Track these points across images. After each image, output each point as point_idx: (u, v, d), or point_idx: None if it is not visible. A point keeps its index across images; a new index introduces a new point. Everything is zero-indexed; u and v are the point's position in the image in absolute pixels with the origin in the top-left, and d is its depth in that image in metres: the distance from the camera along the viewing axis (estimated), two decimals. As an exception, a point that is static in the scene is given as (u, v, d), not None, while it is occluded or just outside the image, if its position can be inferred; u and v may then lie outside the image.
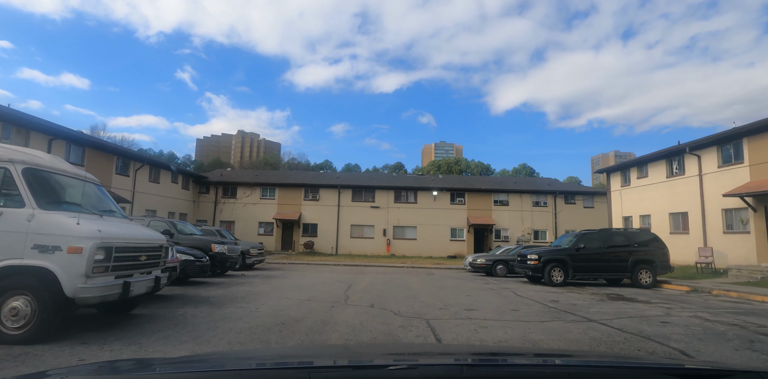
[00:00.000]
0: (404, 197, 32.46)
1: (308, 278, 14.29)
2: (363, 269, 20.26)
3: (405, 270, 20.66)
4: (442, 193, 32.18)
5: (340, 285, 12.21)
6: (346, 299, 9.20)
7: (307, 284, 12.40)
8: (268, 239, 31.90)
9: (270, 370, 1.44)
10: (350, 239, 31.74)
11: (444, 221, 31.81)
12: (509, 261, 17.60)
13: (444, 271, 20.95)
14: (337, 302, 8.83)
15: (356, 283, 13.14)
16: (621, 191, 25.39)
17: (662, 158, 21.99)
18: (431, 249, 31.29)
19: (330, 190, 32.26)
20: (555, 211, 32.28)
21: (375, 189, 32.40)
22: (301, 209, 32.18)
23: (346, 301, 9.00)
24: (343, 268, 21.14)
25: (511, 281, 15.75)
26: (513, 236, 31.79)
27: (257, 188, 32.54)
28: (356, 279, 14.49)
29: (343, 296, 9.66)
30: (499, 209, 32.22)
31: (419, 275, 17.81)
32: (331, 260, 25.85)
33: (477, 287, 12.78)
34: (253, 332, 5.67)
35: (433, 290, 11.85)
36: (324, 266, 22.31)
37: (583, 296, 11.16)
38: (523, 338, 5.72)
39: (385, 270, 20.18)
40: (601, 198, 32.69)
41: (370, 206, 32.03)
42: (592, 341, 5.63)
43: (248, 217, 32.02)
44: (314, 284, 12.51)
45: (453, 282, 14.51)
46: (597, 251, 14.05)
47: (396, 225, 31.84)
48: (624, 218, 25.13)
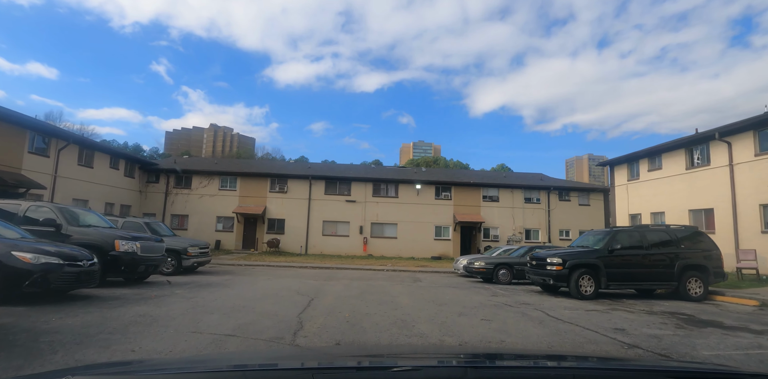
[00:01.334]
0: (384, 190, 28.96)
1: (257, 288, 10.58)
2: (334, 274, 16.64)
3: (385, 274, 17.15)
4: (426, 186, 28.87)
5: (298, 300, 8.59)
6: (296, 332, 5.61)
7: (249, 298, 8.71)
8: (227, 235, 27.81)
9: (274, 370, 1.44)
10: (322, 237, 28.02)
11: (428, 218, 28.51)
12: (513, 265, 14.37)
13: (432, 275, 17.56)
14: (279, 338, 5.24)
15: (321, 295, 9.54)
16: (627, 186, 22.65)
17: (680, 147, 19.27)
18: (413, 249, 27.93)
19: (300, 181, 28.43)
20: (548, 208, 29.49)
21: (351, 181, 28.77)
22: (267, 202, 28.23)
23: (295, 335, 5.41)
24: (311, 271, 17.46)
25: (521, 290, 12.47)
26: (503, 236, 28.79)
27: (215, 178, 28.37)
28: (323, 289, 10.88)
29: (293, 325, 6.06)
30: (489, 205, 29.16)
31: (403, 281, 14.34)
32: (298, 260, 22.09)
33: (487, 303, 9.39)
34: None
35: (430, 307, 8.38)
36: (288, 268, 18.56)
37: (641, 317, 7.92)
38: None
39: (361, 274, 16.63)
40: (597, 195, 30.13)
41: (345, 200, 28.38)
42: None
43: (204, 210, 27.84)
44: (260, 298, 8.83)
45: (450, 293, 11.10)
46: (635, 253, 10.91)
47: (374, 222, 28.33)
48: (631, 217, 22.40)
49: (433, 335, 5.75)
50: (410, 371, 1.30)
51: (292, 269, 18.45)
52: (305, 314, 6.96)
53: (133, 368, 1.59)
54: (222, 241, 27.49)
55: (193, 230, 27.58)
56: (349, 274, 16.74)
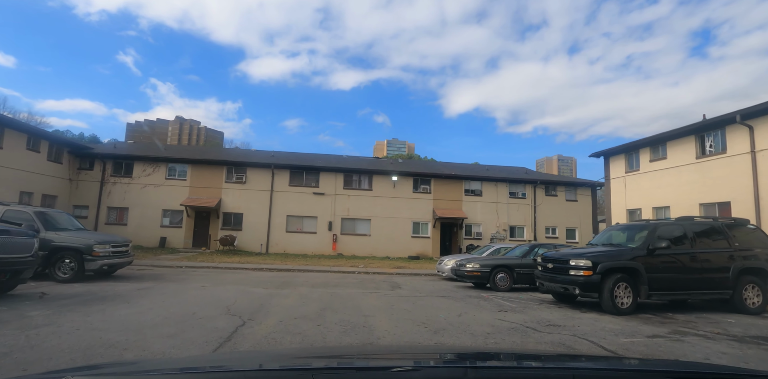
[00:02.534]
0: (356, 182, 25.94)
1: (171, 304, 7.41)
2: (293, 278, 13.55)
3: (356, 278, 14.20)
4: (403, 178, 26.06)
5: (219, 327, 5.54)
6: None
7: (139, 326, 5.57)
8: (175, 232, 24.09)
9: (274, 371, 1.43)
10: (286, 234, 24.74)
11: (405, 213, 25.72)
12: (514, 268, 11.71)
13: (412, 279, 14.73)
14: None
15: (261, 315, 6.50)
16: (625, 178, 20.54)
17: (689, 134, 17.19)
18: (388, 248, 25.08)
19: (261, 171, 25.01)
20: (534, 204, 27.28)
21: (320, 171, 25.58)
22: (222, 193, 24.67)
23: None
24: (266, 275, 14.31)
25: (530, 301, 9.80)
26: (486, 233, 26.36)
27: (162, 165, 24.55)
28: (268, 304, 7.82)
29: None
30: (471, 199, 26.65)
31: (379, 287, 11.44)
32: (255, 261, 18.81)
33: (500, 325, 6.58)
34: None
35: (422, 336, 5.51)
36: (238, 271, 15.33)
37: (735, 348, 5.29)
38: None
39: (326, 278, 13.61)
40: (585, 190, 28.19)
41: (312, 193, 25.19)
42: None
43: (148, 202, 24.01)
44: (159, 324, 5.72)
45: (443, 307, 8.27)
46: (682, 252, 8.40)
47: (345, 217, 25.28)
48: (629, 212, 20.31)
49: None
50: (410, 371, 1.30)
51: (243, 272, 15.22)
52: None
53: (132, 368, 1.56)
54: (168, 238, 23.77)
55: (133, 226, 23.74)
56: (312, 278, 13.70)
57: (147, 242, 23.36)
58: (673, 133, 17.82)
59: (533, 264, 11.70)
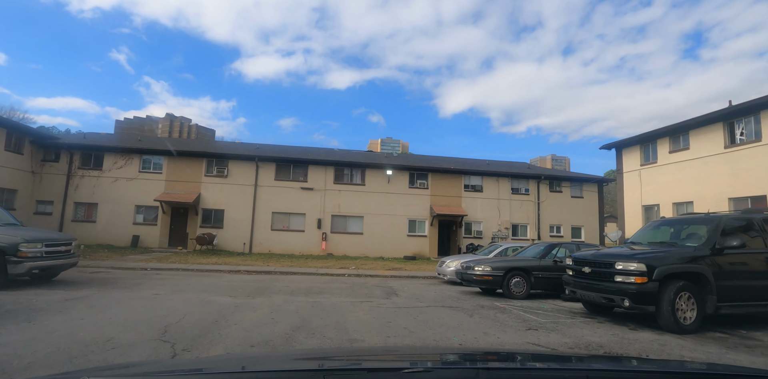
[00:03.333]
0: (348, 176, 24.04)
1: (87, 323, 5.52)
2: (272, 282, 11.66)
3: (346, 282, 12.33)
4: (398, 173, 24.20)
5: (138, 359, 3.59)
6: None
7: (6, 362, 3.65)
8: (149, 230, 22.03)
9: (286, 372, 1.43)
10: (271, 233, 22.78)
11: (400, 210, 23.87)
12: (531, 271, 9.91)
13: (409, 283, 12.90)
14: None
15: (209, 339, 4.63)
16: (641, 172, 18.88)
17: (717, 121, 15.54)
18: (382, 247, 23.22)
19: (244, 163, 23.02)
20: (538, 200, 25.58)
21: (308, 164, 23.64)
22: (201, 188, 22.64)
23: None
24: (241, 279, 12.40)
25: (557, 312, 8.00)
26: (487, 232, 24.61)
27: (135, 157, 22.45)
28: (225, 321, 5.94)
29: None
30: (471, 196, 24.86)
31: (371, 295, 9.60)
32: (234, 262, 16.87)
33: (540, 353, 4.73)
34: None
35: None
36: (211, 274, 13.41)
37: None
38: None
39: (311, 283, 11.72)
40: (591, 186, 26.54)
41: (300, 188, 23.25)
42: None
43: (119, 197, 21.92)
44: (36, 362, 3.78)
45: (454, 324, 6.43)
46: (758, 252, 6.65)
47: (336, 214, 23.38)
48: (645, 208, 18.65)
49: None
50: (422, 372, 1.29)
51: (216, 275, 13.29)
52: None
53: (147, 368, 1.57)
54: (142, 237, 21.71)
55: (103, 223, 21.66)
56: (295, 282, 11.81)
57: (118, 241, 21.30)
58: (698, 120, 16.16)
59: (554, 267, 9.94)
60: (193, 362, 2.03)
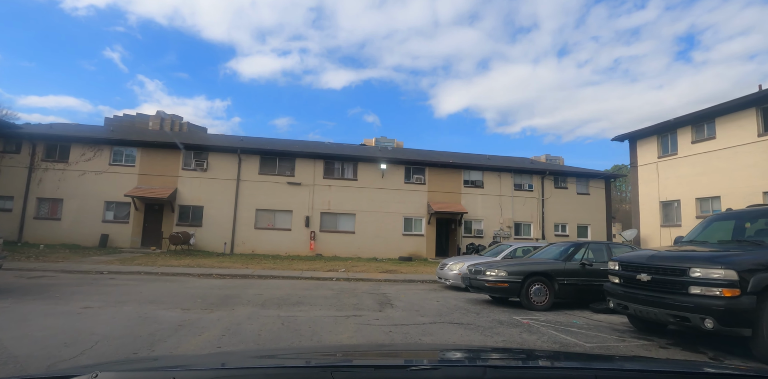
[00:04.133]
0: (339, 170, 22.24)
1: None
2: (245, 289, 9.86)
3: (332, 288, 10.55)
4: (393, 167, 22.45)
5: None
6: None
7: None
8: (120, 228, 20.08)
9: (293, 368, 1.43)
10: (255, 231, 20.94)
11: (395, 207, 22.13)
12: (555, 276, 8.19)
13: (406, 289, 11.14)
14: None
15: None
16: (658, 165, 17.28)
17: (749, 107, 13.96)
18: (376, 247, 21.47)
19: (226, 156, 21.14)
20: (542, 197, 23.95)
21: (296, 157, 21.82)
22: (178, 183, 20.74)
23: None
24: (209, 284, 10.60)
25: (595, 329, 6.28)
26: (488, 230, 22.94)
27: (105, 149, 20.49)
28: (151, 350, 4.10)
29: None
30: (471, 192, 23.18)
31: (361, 307, 7.85)
32: (208, 264, 15.06)
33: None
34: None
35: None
36: (175, 279, 11.60)
37: None
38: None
39: (291, 289, 9.94)
40: (598, 183, 24.96)
41: (287, 183, 21.42)
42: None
43: (88, 193, 19.96)
44: None
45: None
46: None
47: (325, 211, 21.59)
48: (663, 204, 17.06)
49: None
50: (429, 369, 1.28)
51: (182, 279, 11.47)
52: None
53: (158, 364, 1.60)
54: (112, 236, 19.76)
55: (69, 221, 19.70)
56: (271, 289, 10.02)
57: (85, 241, 19.35)
58: (726, 106, 14.57)
59: (581, 271, 8.24)
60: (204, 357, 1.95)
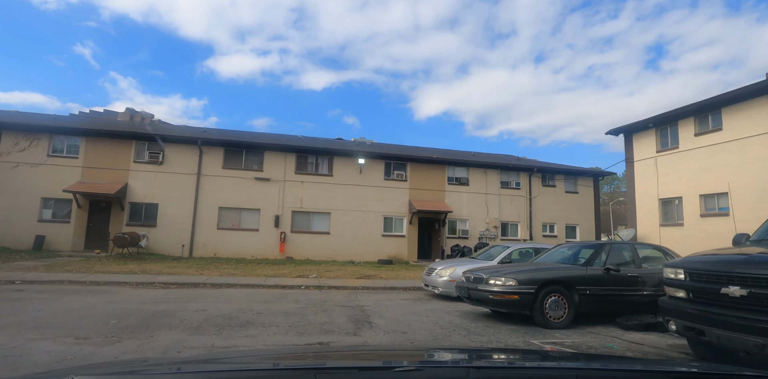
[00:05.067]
0: (312, 165, 20.29)
1: None
2: (186, 303, 7.88)
3: (298, 300, 8.65)
4: (372, 162, 20.67)
5: None
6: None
7: None
8: (61, 229, 17.54)
9: (277, 370, 1.41)
10: (217, 232, 18.75)
11: (374, 206, 20.34)
12: (574, 285, 6.54)
13: (387, 299, 9.34)
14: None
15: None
16: (657, 160, 16.10)
17: (760, 95, 12.83)
18: (353, 249, 19.61)
19: (185, 148, 18.88)
20: (530, 195, 22.63)
21: (264, 150, 19.75)
22: (129, 177, 18.36)
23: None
24: (146, 296, 8.57)
25: (640, 349, 4.61)
26: (474, 231, 21.42)
27: (43, 137, 17.93)
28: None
29: None
30: (456, 189, 21.63)
31: (331, 328, 6.02)
32: (156, 270, 12.91)
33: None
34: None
35: None
36: (103, 290, 9.50)
37: None
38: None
39: (246, 302, 7.98)
40: (586, 181, 23.85)
41: (254, 178, 19.32)
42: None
43: (21, 188, 17.35)
44: None
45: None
46: None
47: (297, 210, 19.60)
48: (662, 202, 15.87)
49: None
50: (413, 370, 1.28)
51: (113, 290, 9.37)
52: None
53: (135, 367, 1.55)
54: (49, 237, 17.21)
55: (1, 219, 17.05)
56: (221, 302, 8.06)
57: (17, 243, 16.75)
58: (733, 94, 13.42)
59: (606, 278, 6.65)
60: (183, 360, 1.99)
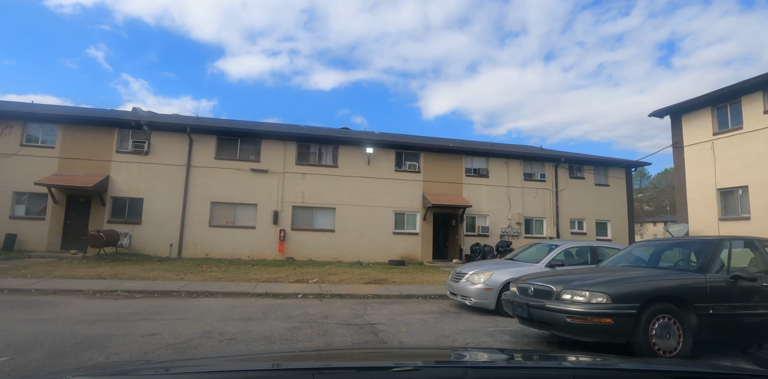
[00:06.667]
0: (315, 155, 18.26)
1: None
2: (142, 319, 5.84)
3: (290, 317, 6.59)
4: (381, 152, 18.59)
5: None
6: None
7: None
8: (35, 226, 15.71)
9: (274, 371, 1.40)
10: (209, 230, 16.80)
11: (384, 200, 18.26)
12: (691, 302, 4.38)
13: (405, 314, 7.25)
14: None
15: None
16: (714, 143, 13.83)
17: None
18: (361, 249, 17.56)
19: (173, 137, 16.94)
20: (556, 188, 20.41)
21: (261, 138, 17.76)
22: (111, 168, 16.47)
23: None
24: (100, 308, 6.56)
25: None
26: (495, 228, 19.26)
27: (16, 125, 16.09)
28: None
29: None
30: (475, 182, 19.46)
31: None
32: (130, 274, 11.01)
33: None
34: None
35: None
36: (49, 299, 7.54)
37: None
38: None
39: (221, 318, 5.93)
40: (618, 172, 21.55)
41: (250, 169, 17.33)
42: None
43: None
44: None
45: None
46: None
47: (298, 205, 17.58)
48: (721, 193, 13.60)
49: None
50: (411, 371, 1.27)
51: (64, 299, 7.45)
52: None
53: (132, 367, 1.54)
54: (21, 236, 15.39)
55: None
56: (187, 319, 6.04)
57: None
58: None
59: (734, 291, 4.49)
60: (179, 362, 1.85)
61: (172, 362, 1.97)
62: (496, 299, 7.34)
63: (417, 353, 2.37)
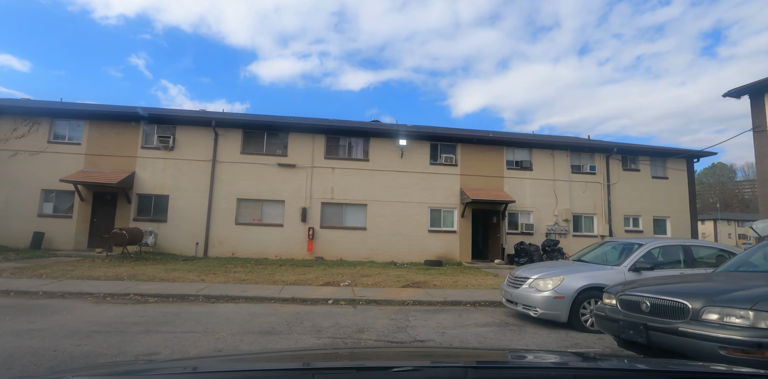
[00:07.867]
0: (344, 149, 17.20)
1: None
2: (147, 331, 4.79)
3: (320, 330, 5.45)
4: (415, 144, 17.33)
5: None
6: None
7: None
8: (62, 224, 15.40)
9: (273, 371, 1.39)
10: (236, 228, 16.05)
11: (418, 196, 16.99)
12: None
13: (457, 326, 5.98)
14: None
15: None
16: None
17: None
18: (394, 248, 16.37)
19: (198, 131, 16.29)
20: (607, 182, 18.52)
21: (289, 131, 16.87)
22: (136, 165, 15.98)
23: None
24: (104, 315, 5.60)
25: None
26: (540, 225, 17.62)
27: (44, 122, 15.85)
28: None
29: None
30: (517, 175, 17.88)
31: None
32: (149, 275, 10.26)
33: None
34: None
35: None
36: (51, 304, 6.67)
37: None
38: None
39: (237, 332, 4.85)
40: (678, 163, 19.39)
41: (277, 164, 16.47)
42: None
43: (19, 179, 15.36)
44: None
45: None
46: None
47: (327, 201, 16.57)
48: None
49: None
50: (411, 371, 1.26)
51: (69, 304, 6.61)
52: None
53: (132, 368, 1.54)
54: (49, 234, 15.11)
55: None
56: (198, 333, 4.98)
57: (14, 240, 14.74)
58: None
59: None
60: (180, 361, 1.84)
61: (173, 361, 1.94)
62: (568, 309, 5.99)
63: (417, 352, 2.39)
